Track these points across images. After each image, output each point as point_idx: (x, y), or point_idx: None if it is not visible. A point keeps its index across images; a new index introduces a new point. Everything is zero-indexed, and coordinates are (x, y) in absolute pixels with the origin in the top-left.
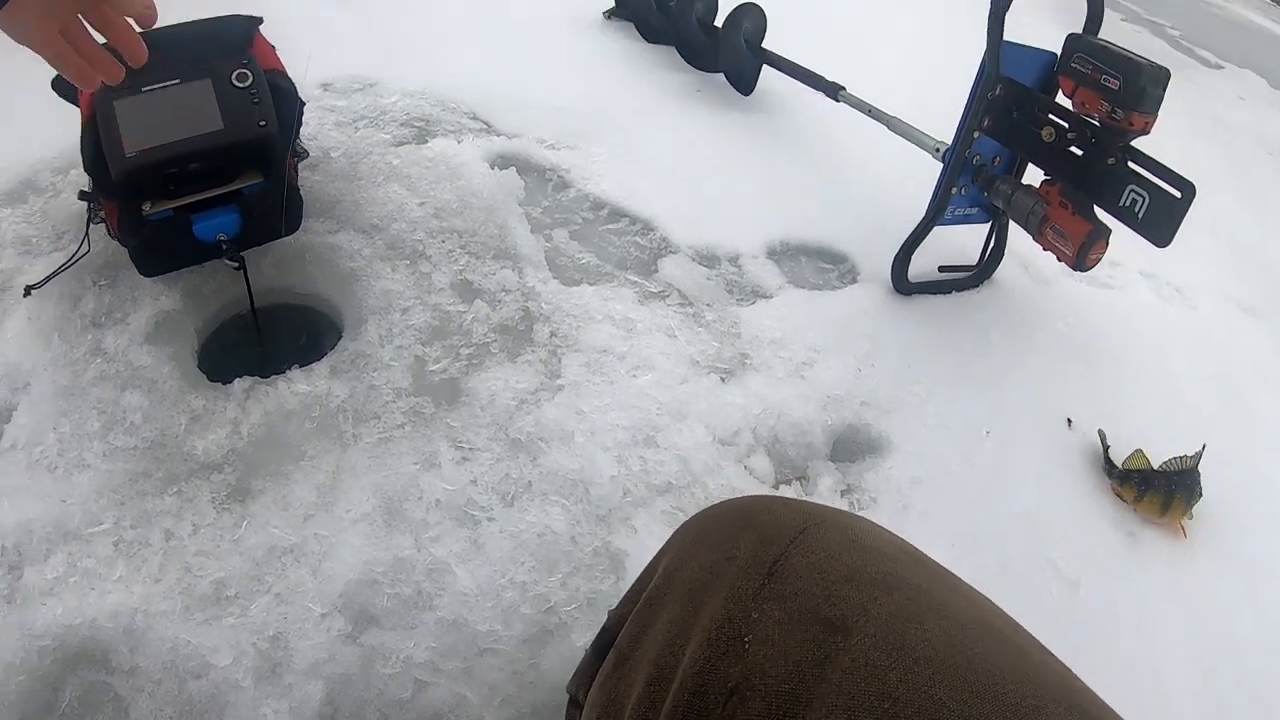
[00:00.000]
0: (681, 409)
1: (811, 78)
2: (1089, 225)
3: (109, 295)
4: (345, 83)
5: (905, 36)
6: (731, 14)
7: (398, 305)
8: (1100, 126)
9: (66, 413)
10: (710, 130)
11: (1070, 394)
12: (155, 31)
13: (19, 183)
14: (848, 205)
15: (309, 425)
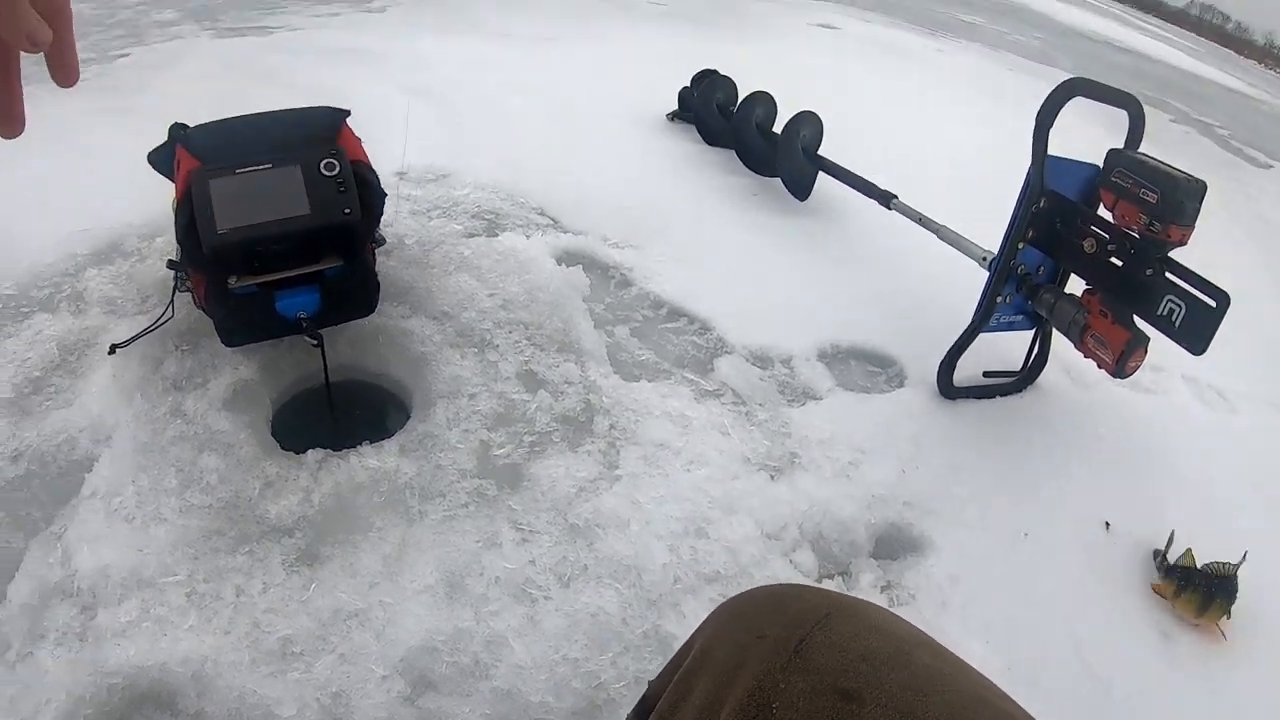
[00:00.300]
0: (732, 503)
1: (865, 185)
2: (1128, 334)
3: (190, 360)
4: (421, 173)
5: (959, 146)
6: (790, 121)
7: (465, 391)
8: (1139, 238)
9: (146, 468)
10: (767, 234)
11: (1110, 498)
12: (251, 116)
13: (107, 245)
14: (898, 310)
15: (377, 499)
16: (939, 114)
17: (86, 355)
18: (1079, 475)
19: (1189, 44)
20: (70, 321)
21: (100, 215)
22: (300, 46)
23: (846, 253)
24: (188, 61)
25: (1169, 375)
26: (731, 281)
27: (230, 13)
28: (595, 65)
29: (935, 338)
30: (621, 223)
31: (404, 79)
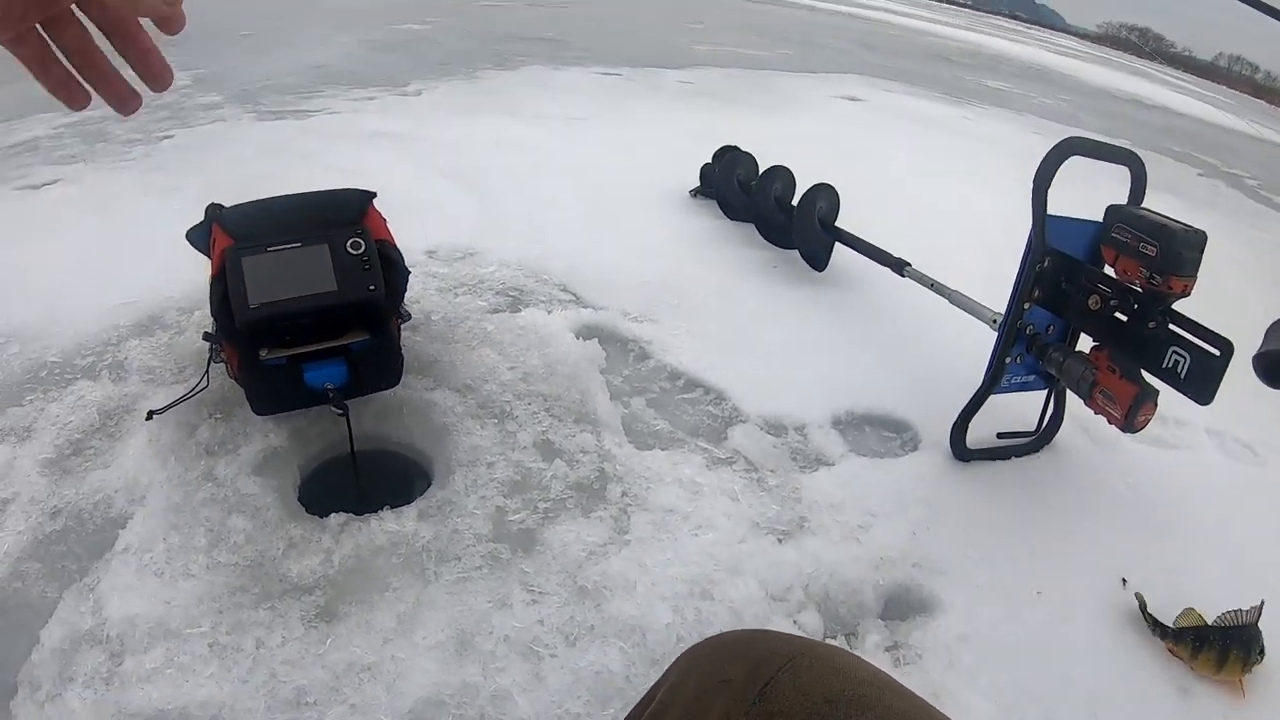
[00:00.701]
0: (738, 566)
1: (879, 254)
2: (1136, 388)
3: (223, 428)
4: (449, 251)
5: (980, 211)
6: (806, 195)
7: (484, 460)
8: (1141, 292)
9: (177, 526)
10: (784, 305)
11: (1128, 555)
12: (282, 198)
13: (148, 317)
14: (912, 375)
15: (395, 560)
16: (961, 180)
17: (125, 420)
18: (1096, 534)
19: (1219, 97)
20: (111, 388)
21: (143, 289)
22: (337, 130)
23: (862, 320)
24: (229, 143)
25: (1193, 429)
26: (748, 352)
27: (270, 96)
28: (623, 144)
29: (949, 401)
30: (642, 297)
31: (436, 160)
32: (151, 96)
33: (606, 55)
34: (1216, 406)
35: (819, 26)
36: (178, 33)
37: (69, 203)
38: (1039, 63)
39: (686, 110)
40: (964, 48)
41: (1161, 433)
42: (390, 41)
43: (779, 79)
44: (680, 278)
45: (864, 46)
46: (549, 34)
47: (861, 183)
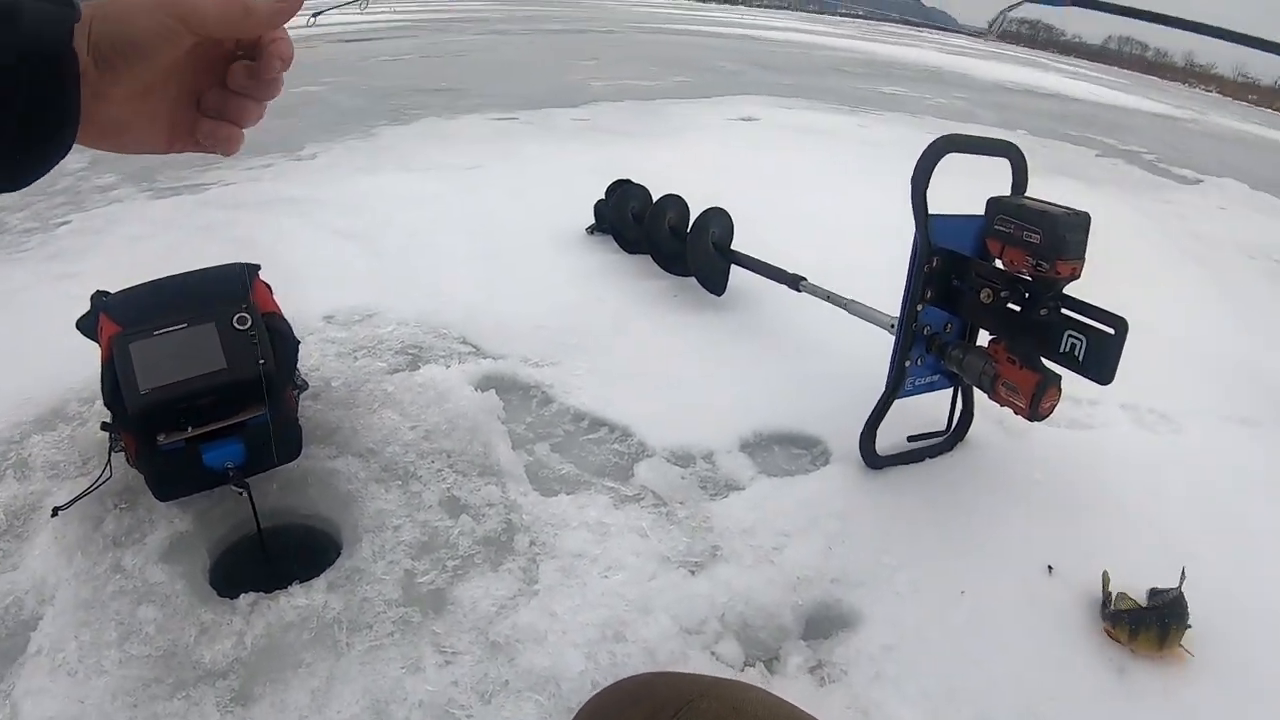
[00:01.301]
0: (649, 604)
1: (774, 272)
2: (1037, 376)
3: (128, 517)
4: (347, 314)
5: (879, 216)
6: (697, 220)
7: (390, 524)
8: (1031, 280)
9: (87, 623)
10: (685, 333)
11: (1051, 542)
12: (166, 279)
13: (49, 411)
14: (817, 390)
15: (307, 635)
16: (861, 187)
17: (31, 519)
18: (1016, 524)
19: (1112, 78)
20: (15, 488)
21: (43, 382)
22: (234, 200)
23: (764, 340)
24: (127, 224)
25: (1106, 407)
26: (651, 385)
27: (166, 172)
28: (518, 188)
29: (856, 412)
30: (541, 341)
31: (333, 222)
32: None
33: (502, 100)
34: (1128, 380)
35: (715, 51)
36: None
37: None
38: (932, 64)
39: (582, 148)
40: (857, 57)
41: (1076, 414)
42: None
43: (674, 107)
44: (579, 317)
45: (760, 67)
46: (443, 84)
47: (761, 201)
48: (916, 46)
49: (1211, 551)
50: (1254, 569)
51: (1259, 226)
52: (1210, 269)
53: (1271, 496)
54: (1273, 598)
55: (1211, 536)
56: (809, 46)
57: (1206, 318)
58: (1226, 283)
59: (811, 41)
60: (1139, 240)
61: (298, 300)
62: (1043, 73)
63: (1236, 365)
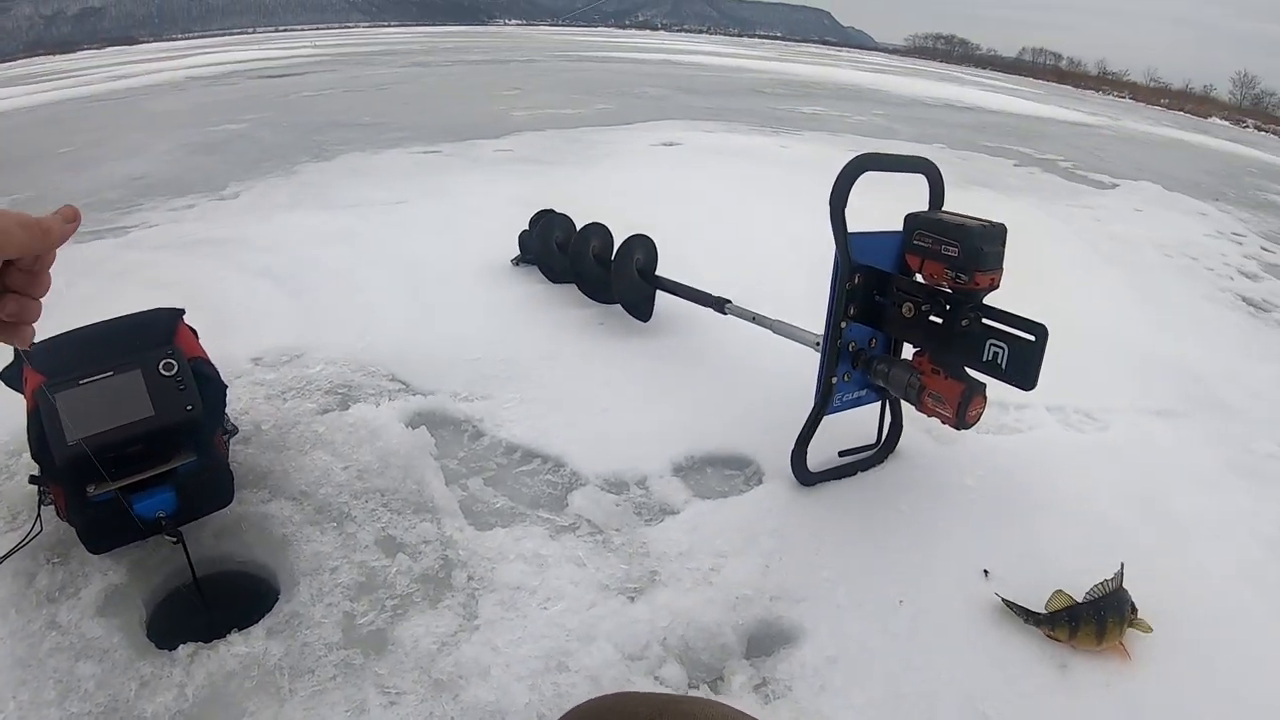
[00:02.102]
0: (590, 632)
1: (699, 295)
2: (962, 385)
3: (62, 572)
4: (275, 356)
5: (799, 236)
6: (621, 247)
7: (327, 566)
8: (951, 293)
9: (25, 682)
10: (613, 361)
11: (986, 546)
12: (89, 327)
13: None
14: (747, 410)
15: (249, 684)
16: (782, 207)
17: None
18: (951, 531)
19: (1026, 89)
20: None
21: None
22: (156, 242)
23: (692, 364)
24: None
25: (1034, 410)
26: (582, 414)
27: (89, 215)
28: (443, 222)
29: (787, 430)
30: (471, 375)
31: (256, 262)
32: None
33: (425, 133)
34: (1052, 383)
35: (637, 77)
36: None
37: None
38: (851, 83)
39: (505, 178)
40: (777, 79)
41: (1004, 419)
42: (208, 143)
43: (597, 134)
44: (507, 349)
45: (681, 91)
46: (366, 119)
47: (685, 226)
48: (835, 66)
49: (1145, 541)
50: (1186, 555)
51: (1174, 225)
52: (1127, 269)
53: (1195, 484)
54: (1206, 582)
55: (1143, 528)
56: (729, 70)
57: (1124, 316)
58: (1143, 281)
59: (731, 65)
60: (1058, 245)
61: (224, 343)
62: (959, 87)
63: (1155, 360)
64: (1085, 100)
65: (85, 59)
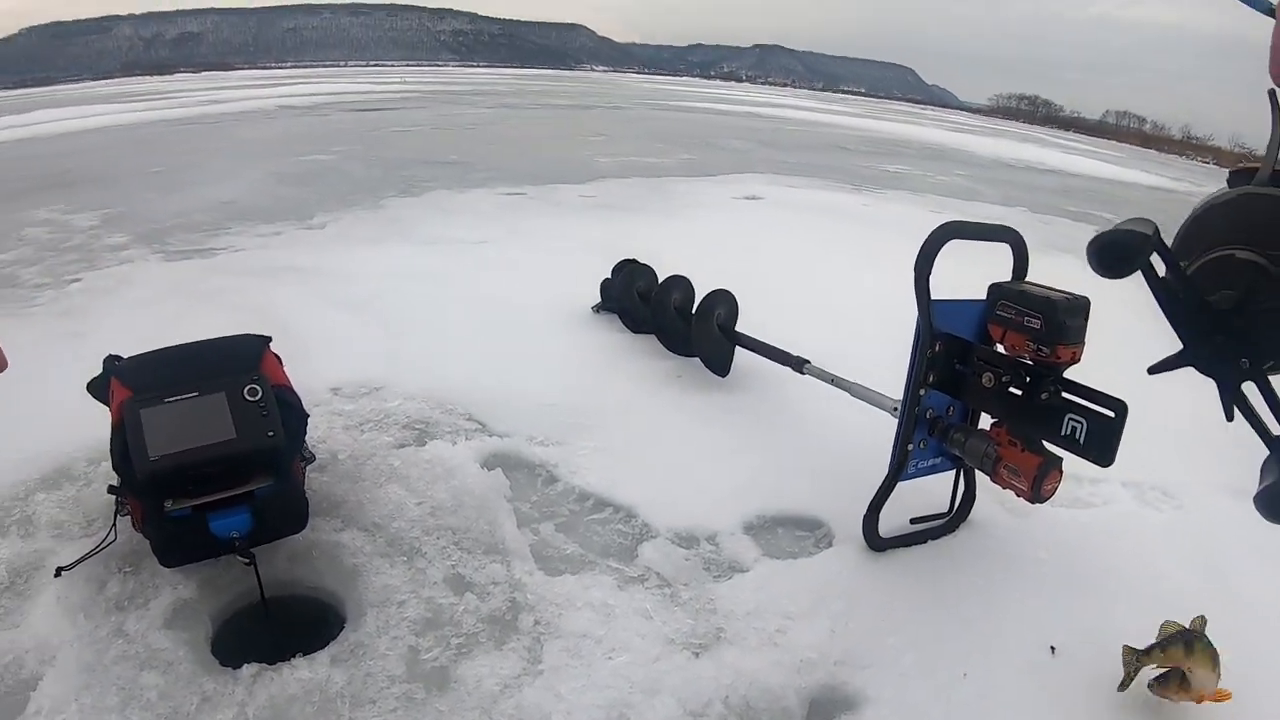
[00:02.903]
0: (654, 685)
1: (778, 354)
2: (1039, 459)
3: (132, 582)
4: (354, 387)
5: (882, 296)
6: (703, 302)
7: (395, 599)
8: (1032, 365)
9: (89, 686)
10: (689, 414)
11: (1055, 621)
12: (178, 347)
13: (55, 470)
14: (821, 472)
15: (310, 709)
16: (864, 267)
17: (34, 577)
18: (1019, 604)
19: (1110, 152)
20: (19, 545)
21: (50, 441)
22: (242, 267)
23: (768, 422)
24: (137, 285)
25: (1109, 485)
26: (656, 465)
27: (178, 235)
28: (525, 264)
29: (859, 494)
30: (547, 420)
31: (340, 294)
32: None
33: (510, 175)
34: (1129, 459)
35: (720, 129)
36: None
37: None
38: (934, 142)
39: (588, 224)
40: (861, 136)
41: (1079, 493)
42: (297, 173)
43: (680, 184)
44: (585, 396)
45: (764, 144)
46: (453, 157)
47: (764, 281)
48: (918, 124)
49: (1219, 626)
50: (1258, 640)
51: None
52: None
53: (1273, 565)
54: (1277, 667)
55: (1216, 609)
56: (813, 125)
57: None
58: None
59: (816, 120)
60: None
61: (305, 371)
62: (1041, 149)
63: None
64: (1169, 165)
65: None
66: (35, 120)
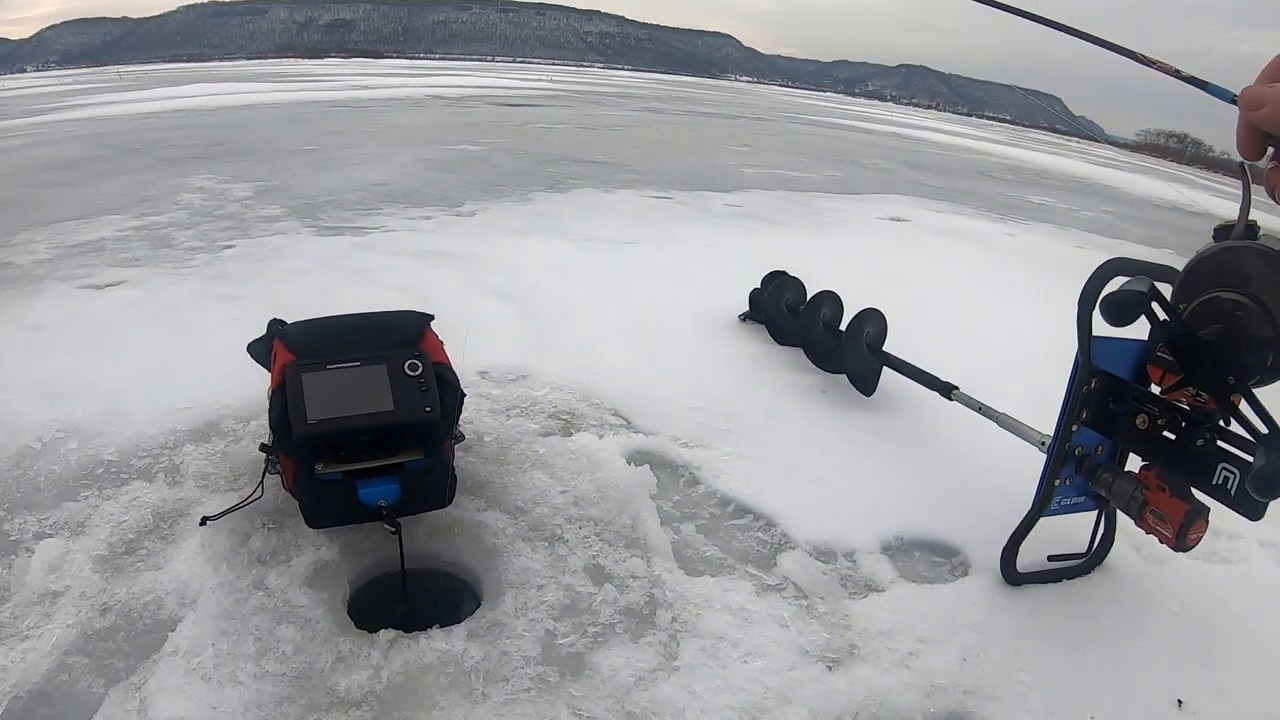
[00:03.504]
0: (788, 694)
1: (927, 378)
2: (1186, 506)
3: (275, 538)
4: (502, 373)
5: (1025, 329)
6: (854, 319)
7: (534, 582)
8: (1189, 410)
9: (226, 633)
10: (833, 430)
11: (1184, 675)
12: (343, 317)
13: (205, 424)
14: (962, 499)
15: (443, 680)
16: (1007, 298)
17: (179, 524)
18: (1150, 654)
19: (1263, 198)
20: (166, 491)
21: (201, 395)
22: (393, 247)
23: (911, 445)
24: (289, 256)
25: (1246, 542)
26: (797, 478)
27: (329, 211)
28: (672, 268)
29: (999, 525)
30: (692, 423)
31: (489, 281)
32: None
33: (656, 178)
34: (1269, 518)
35: (865, 146)
36: None
37: (131, 305)
38: (1080, 175)
39: (734, 233)
40: (1005, 163)
41: (1215, 547)
42: (447, 161)
43: (825, 200)
44: (730, 402)
45: (909, 166)
46: (599, 157)
47: (907, 304)
48: (1064, 155)
49: None
50: None
51: None
52: None
53: None
54: None
55: None
56: (957, 149)
57: None
58: None
59: (959, 144)
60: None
61: (453, 353)
62: (1190, 189)
63: None
64: None
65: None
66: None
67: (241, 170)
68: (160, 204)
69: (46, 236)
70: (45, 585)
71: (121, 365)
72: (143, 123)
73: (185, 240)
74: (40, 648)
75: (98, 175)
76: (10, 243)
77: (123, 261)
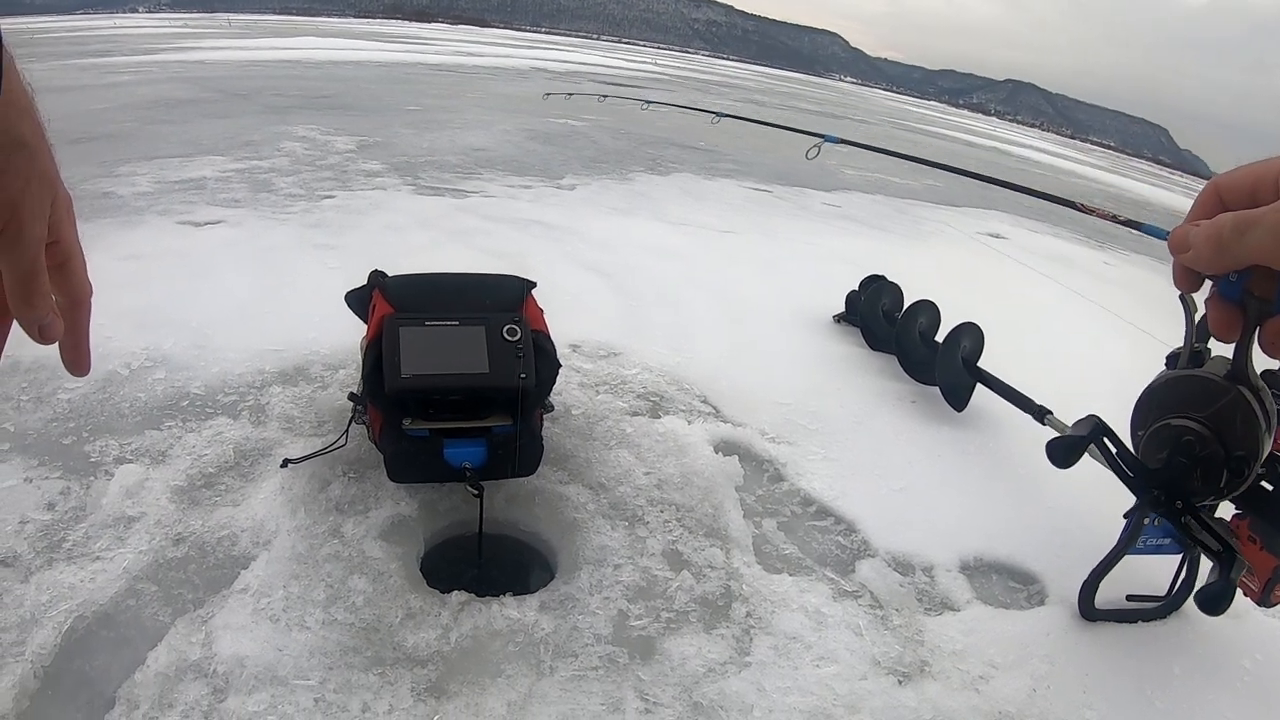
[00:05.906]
0: (856, 703)
1: (1021, 400)
2: (1276, 560)
3: (355, 488)
4: (593, 348)
5: (1119, 361)
6: (952, 332)
7: (611, 561)
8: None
9: (298, 576)
10: (921, 442)
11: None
12: (445, 275)
13: (293, 367)
14: (1044, 526)
15: (512, 648)
16: (1100, 326)
17: (259, 464)
18: (1218, 708)
19: None
20: (249, 430)
21: (292, 339)
22: (492, 212)
23: (998, 466)
24: (387, 211)
25: None
26: (882, 486)
27: (429, 172)
28: (768, 261)
29: (1080, 557)
30: (780, 418)
31: (586, 256)
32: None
33: (756, 170)
34: None
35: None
36: None
37: (228, 244)
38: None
39: (830, 233)
40: (1107, 191)
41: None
42: (548, 133)
43: (924, 209)
44: (819, 402)
45: None
46: (701, 143)
47: (1001, 322)
48: (1168, 189)
49: None
50: None
51: None
52: None
53: None
54: None
55: None
56: (1058, 171)
57: None
58: None
59: (1061, 166)
60: None
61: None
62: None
63: None
64: None
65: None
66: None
67: (345, 124)
68: (263, 149)
69: (149, 170)
70: (121, 509)
71: (215, 302)
72: (250, 69)
73: (285, 186)
74: (110, 570)
75: (203, 116)
76: (114, 173)
77: (222, 201)
